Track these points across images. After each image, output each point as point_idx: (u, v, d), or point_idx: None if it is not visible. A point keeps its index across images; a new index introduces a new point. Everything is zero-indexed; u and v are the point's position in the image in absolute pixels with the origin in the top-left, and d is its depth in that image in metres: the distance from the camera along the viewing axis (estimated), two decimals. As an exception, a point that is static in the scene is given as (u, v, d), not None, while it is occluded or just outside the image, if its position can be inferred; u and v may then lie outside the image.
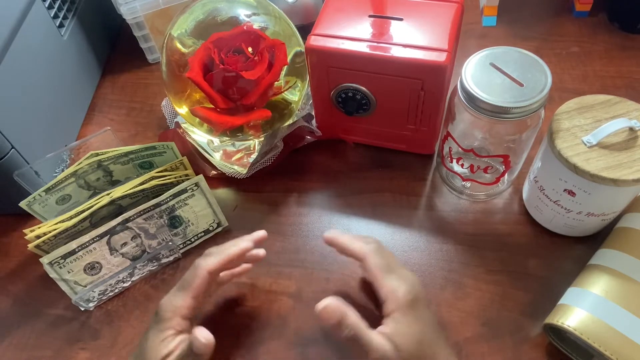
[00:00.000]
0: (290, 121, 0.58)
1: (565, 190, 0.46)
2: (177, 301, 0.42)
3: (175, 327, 0.41)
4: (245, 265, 0.50)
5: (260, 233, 0.46)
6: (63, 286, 0.49)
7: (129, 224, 0.49)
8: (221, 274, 0.48)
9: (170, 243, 0.52)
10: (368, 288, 0.49)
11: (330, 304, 0.39)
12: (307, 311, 0.49)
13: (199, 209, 0.52)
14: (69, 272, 0.48)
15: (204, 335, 0.40)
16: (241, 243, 0.44)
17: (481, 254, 0.52)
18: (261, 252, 0.49)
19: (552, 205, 0.49)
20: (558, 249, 0.51)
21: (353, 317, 0.38)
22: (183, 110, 0.55)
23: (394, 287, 0.39)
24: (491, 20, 0.72)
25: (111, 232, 0.49)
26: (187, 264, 0.53)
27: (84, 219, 0.49)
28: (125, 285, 0.52)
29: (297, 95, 0.57)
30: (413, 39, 0.49)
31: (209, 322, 0.49)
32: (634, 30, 0.69)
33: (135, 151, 0.52)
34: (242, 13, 0.53)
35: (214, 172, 0.59)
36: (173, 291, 0.43)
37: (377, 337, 0.38)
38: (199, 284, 0.42)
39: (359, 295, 0.50)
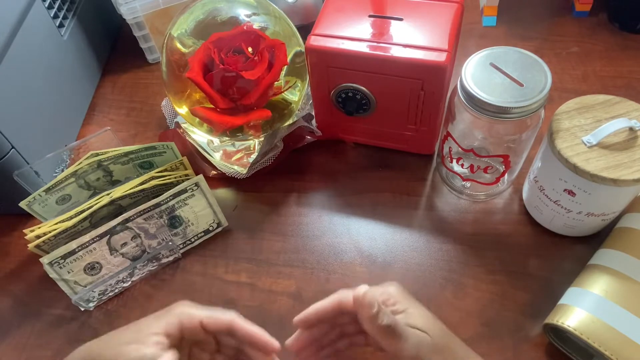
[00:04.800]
0: (290, 121, 0.58)
1: (565, 190, 0.46)
2: (194, 311, 0.38)
3: (168, 330, 0.37)
4: None
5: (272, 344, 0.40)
6: (63, 286, 0.49)
7: (129, 224, 0.49)
8: None
9: (170, 243, 0.52)
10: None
11: (370, 290, 0.36)
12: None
13: (199, 209, 0.52)
14: (69, 272, 0.48)
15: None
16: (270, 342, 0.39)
17: (481, 254, 0.52)
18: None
19: (552, 205, 0.49)
20: (558, 249, 0.51)
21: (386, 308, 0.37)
22: (183, 110, 0.55)
23: (392, 290, 0.40)
24: (491, 20, 0.72)
25: (111, 232, 0.49)
26: (187, 264, 0.54)
27: (84, 219, 0.49)
28: (125, 285, 0.52)
29: (297, 95, 0.57)
30: (413, 39, 0.49)
31: (209, 322, 0.49)
32: (634, 30, 0.69)
33: (135, 151, 0.52)
34: (242, 13, 0.53)
35: (214, 172, 0.59)
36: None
37: (410, 327, 0.37)
38: (219, 317, 0.39)
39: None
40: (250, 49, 0.51)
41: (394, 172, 0.59)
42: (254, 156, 0.59)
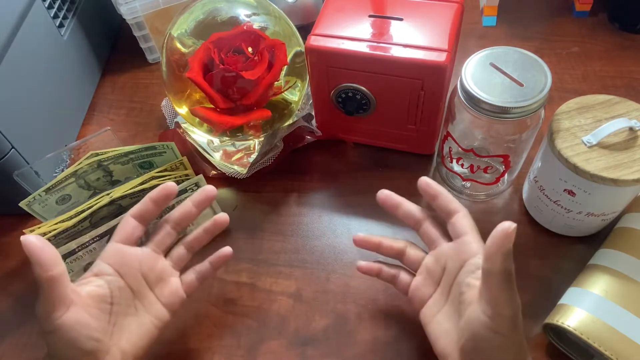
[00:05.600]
0: (290, 121, 0.58)
1: (565, 190, 0.46)
2: (103, 250, 0.42)
3: (93, 269, 0.41)
4: (224, 250, 0.47)
5: (205, 187, 0.45)
6: (63, 286, 0.49)
7: (129, 224, 0.49)
8: (198, 268, 0.47)
9: (170, 243, 0.52)
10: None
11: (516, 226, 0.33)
12: (307, 311, 0.50)
13: (199, 209, 0.52)
14: (69, 272, 0.48)
15: (25, 237, 0.36)
16: (164, 185, 0.44)
17: (481, 254, 0.52)
18: (221, 216, 0.47)
19: (552, 205, 0.49)
20: (558, 249, 0.51)
21: None
22: (183, 110, 0.55)
23: None
24: (491, 20, 0.72)
25: (111, 232, 0.49)
26: (187, 263, 0.53)
27: (84, 219, 0.49)
28: (125, 285, 0.52)
29: (297, 95, 0.57)
30: (413, 39, 0.49)
31: (209, 322, 0.49)
32: (634, 30, 0.69)
33: (135, 151, 0.52)
34: (242, 13, 0.53)
35: (214, 172, 0.59)
36: None
37: None
38: (121, 228, 0.43)
39: (359, 296, 0.50)
40: (250, 49, 0.51)
41: (394, 172, 0.59)
42: (254, 156, 0.59)
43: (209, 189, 0.45)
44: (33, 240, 0.35)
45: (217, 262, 0.47)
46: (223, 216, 0.47)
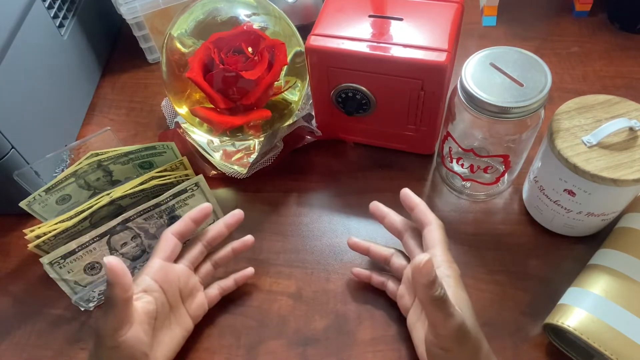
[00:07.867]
0: (290, 121, 0.58)
1: (565, 190, 0.46)
2: (147, 265, 0.45)
3: (141, 285, 0.43)
4: (247, 270, 0.51)
5: (235, 212, 0.49)
6: (63, 286, 0.49)
7: (129, 224, 0.49)
8: (223, 284, 0.49)
9: (170, 243, 0.52)
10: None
11: (430, 258, 0.35)
12: (307, 311, 0.50)
13: (199, 209, 0.52)
14: (69, 272, 0.48)
15: (109, 260, 0.38)
16: (202, 206, 0.47)
17: (481, 254, 0.52)
18: (248, 238, 0.50)
19: (552, 205, 0.49)
20: (558, 249, 0.51)
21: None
22: (183, 110, 0.55)
23: (451, 260, 0.43)
24: (491, 20, 0.72)
25: (111, 232, 0.49)
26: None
27: (84, 219, 0.49)
28: (125, 285, 0.52)
29: (297, 95, 0.57)
30: (413, 39, 0.49)
31: (209, 322, 0.49)
32: (634, 30, 0.69)
33: (135, 151, 0.52)
34: (242, 13, 0.53)
35: (214, 172, 0.59)
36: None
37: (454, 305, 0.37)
38: (164, 245, 0.45)
39: (359, 296, 0.50)
40: (250, 49, 0.51)
41: (394, 172, 0.59)
42: (254, 156, 0.59)
43: (238, 213, 0.49)
44: (116, 264, 0.37)
45: (241, 280, 0.50)
46: (250, 238, 0.50)
